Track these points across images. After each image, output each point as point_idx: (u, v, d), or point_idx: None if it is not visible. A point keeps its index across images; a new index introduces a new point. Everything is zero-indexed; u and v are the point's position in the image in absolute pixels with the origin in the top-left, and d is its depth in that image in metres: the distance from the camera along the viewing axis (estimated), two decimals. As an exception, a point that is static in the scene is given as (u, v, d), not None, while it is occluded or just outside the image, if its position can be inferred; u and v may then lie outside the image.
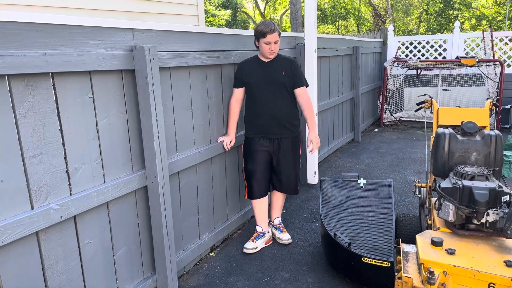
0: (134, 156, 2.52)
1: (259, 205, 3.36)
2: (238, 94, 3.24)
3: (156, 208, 2.59)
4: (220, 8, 24.59)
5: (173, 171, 2.78)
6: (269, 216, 3.54)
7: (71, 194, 2.14)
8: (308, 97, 3.26)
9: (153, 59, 2.41)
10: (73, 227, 2.16)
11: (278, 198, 3.46)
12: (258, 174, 3.26)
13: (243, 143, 3.36)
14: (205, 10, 22.02)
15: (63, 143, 2.08)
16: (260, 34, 3.07)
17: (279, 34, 3.12)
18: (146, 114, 2.46)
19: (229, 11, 24.53)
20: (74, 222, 2.17)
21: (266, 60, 3.19)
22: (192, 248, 3.05)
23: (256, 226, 3.41)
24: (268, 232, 3.43)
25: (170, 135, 2.79)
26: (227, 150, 3.28)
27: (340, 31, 25.42)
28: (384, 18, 22.09)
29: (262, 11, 26.71)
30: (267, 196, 3.38)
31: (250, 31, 3.99)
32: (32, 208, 1.95)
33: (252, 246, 3.29)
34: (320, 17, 24.14)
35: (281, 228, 3.47)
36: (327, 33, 22.42)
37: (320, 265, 3.07)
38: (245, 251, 3.27)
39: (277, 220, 3.51)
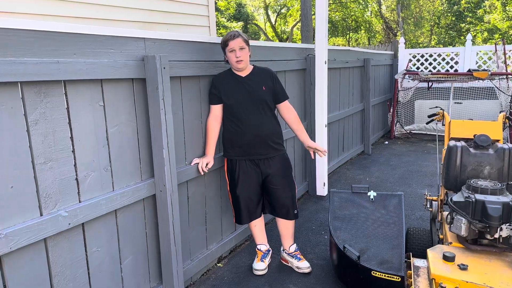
0: (143, 165, 2.52)
1: (254, 225, 3.19)
2: (216, 111, 2.96)
3: (164, 217, 2.59)
4: (232, 20, 24.85)
5: (181, 180, 2.77)
6: (282, 245, 3.27)
7: (79, 202, 2.14)
8: (294, 110, 3.10)
9: (164, 68, 2.43)
10: (81, 234, 2.16)
11: (286, 225, 3.18)
12: (246, 200, 3.04)
13: (225, 165, 3.12)
14: (216, 21, 22.29)
15: (73, 151, 2.09)
16: (223, 44, 2.86)
17: (246, 41, 2.87)
18: (156, 122, 2.47)
19: (240, 23, 24.78)
20: (82, 230, 2.17)
21: (243, 75, 2.95)
22: (200, 258, 3.03)
23: (258, 246, 3.23)
24: (270, 248, 3.29)
25: (180, 144, 2.80)
26: (202, 173, 2.94)
27: (350, 43, 25.47)
28: (395, 31, 22.09)
29: (273, 23, 26.92)
30: (262, 216, 3.22)
31: (261, 42, 4.01)
32: (41, 215, 1.96)
33: (263, 267, 3.13)
34: (331, 30, 24.24)
35: (299, 256, 3.19)
36: (337, 45, 22.47)
37: (328, 278, 3.02)
38: (257, 273, 3.11)
39: (292, 248, 3.22)
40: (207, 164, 2.95)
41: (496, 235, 2.46)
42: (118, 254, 2.40)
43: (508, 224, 2.44)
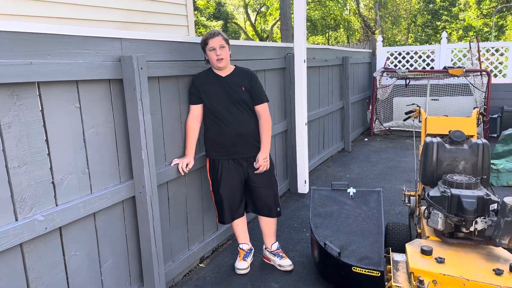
0: (122, 166, 2.49)
1: (236, 224, 3.19)
2: (196, 111, 2.94)
3: (144, 219, 2.56)
4: (212, 19, 24.76)
5: (162, 181, 2.75)
6: (264, 243, 3.29)
7: (56, 205, 2.10)
8: (268, 115, 3.02)
9: (141, 68, 2.40)
10: (59, 238, 2.12)
11: (268, 223, 3.19)
12: (229, 200, 3.04)
13: (207, 165, 3.10)
14: (196, 21, 22.15)
15: (48, 153, 2.05)
16: (203, 44, 2.85)
17: (226, 39, 2.87)
18: (134, 123, 2.44)
19: (220, 22, 24.70)
20: (59, 234, 2.13)
21: (223, 74, 2.93)
22: (181, 259, 3.01)
23: (241, 245, 3.22)
24: (252, 247, 3.29)
25: (159, 145, 2.78)
26: (182, 174, 2.93)
27: (330, 41, 25.69)
28: (374, 29, 22.39)
29: (253, 22, 26.92)
30: (244, 215, 3.22)
31: (240, 41, 4.02)
32: (16, 220, 1.92)
33: (245, 266, 3.14)
34: (311, 28, 24.39)
35: (281, 254, 3.20)
36: (317, 44, 22.63)
37: (310, 275, 3.05)
38: (239, 272, 3.11)
39: (274, 246, 3.24)
40: (187, 165, 2.93)
41: (472, 228, 2.52)
42: (98, 257, 2.37)
43: (483, 217, 2.50)
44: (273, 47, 4.60)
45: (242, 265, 3.13)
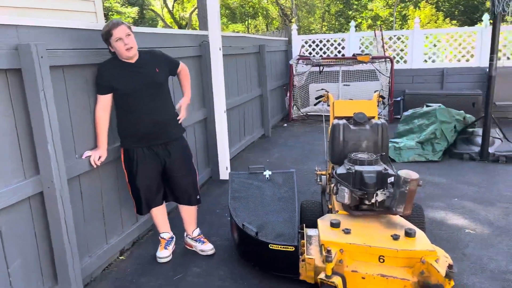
0: (25, 161, 2.35)
1: (156, 213, 3.16)
2: (105, 101, 2.81)
3: (54, 215, 2.45)
4: (126, 5, 23.64)
5: (72, 175, 2.64)
6: (185, 230, 3.30)
7: (-50, 206, 1.94)
8: (187, 69, 3.25)
9: (42, 57, 2.27)
10: (-45, 242, 1.97)
11: (188, 211, 3.21)
12: (146, 190, 2.99)
13: (122, 156, 2.99)
14: (109, 7, 21.01)
15: None
16: (107, 35, 2.72)
17: (129, 27, 2.78)
18: (37, 115, 2.31)
19: (135, 9, 23.69)
20: (-44, 237, 1.97)
21: (133, 61, 2.83)
22: (99, 254, 2.93)
23: (161, 234, 3.20)
24: (173, 236, 3.30)
25: (67, 137, 2.65)
26: (95, 166, 2.83)
27: (250, 29, 25.93)
28: (290, 18, 23.03)
29: (171, 9, 26.22)
30: (164, 204, 3.20)
31: (153, 29, 3.93)
32: None
33: (167, 254, 3.14)
34: (230, 16, 24.40)
35: (202, 239, 3.25)
36: (237, 32, 22.73)
37: (232, 257, 3.14)
38: (161, 261, 3.10)
39: (195, 232, 3.26)
40: (100, 157, 2.84)
41: (373, 200, 2.78)
42: (4, 258, 2.23)
43: (382, 190, 2.77)
44: (188, 34, 4.57)
45: (164, 253, 3.14)
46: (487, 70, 5.24)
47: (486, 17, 8.02)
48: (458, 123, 5.61)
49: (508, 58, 7.98)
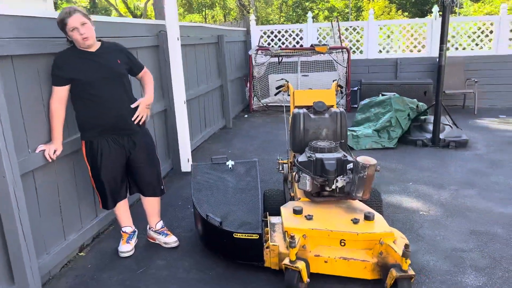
0: (-26, 157, 2.22)
1: (118, 207, 3.08)
2: (61, 93, 2.69)
3: (8, 212, 2.34)
4: (77, -7, 22.67)
5: (26, 170, 2.52)
6: (148, 223, 3.25)
7: None
8: (151, 74, 3.14)
9: (-12, 45, 2.14)
10: None
11: (152, 203, 3.17)
12: (112, 183, 2.92)
13: (83, 149, 2.89)
14: (59, -5, 20.04)
15: None
16: (62, 24, 2.62)
17: (85, 15, 2.66)
18: (-15, 108, 2.18)
19: (87, -2, 22.76)
20: None
21: (93, 50, 2.75)
22: (57, 251, 2.83)
23: (123, 228, 3.13)
24: (135, 229, 3.24)
25: (19, 131, 2.52)
26: (50, 161, 2.70)
27: (207, 20, 25.63)
28: (248, 8, 22.96)
29: (125, -2, 25.40)
30: (126, 199, 3.13)
31: (108, 18, 3.80)
32: None
33: (129, 248, 3.07)
34: (186, 6, 23.99)
35: (166, 232, 3.22)
36: (194, 22, 22.40)
37: (195, 249, 3.13)
38: (123, 255, 3.03)
39: (159, 225, 3.23)
40: (55, 151, 2.72)
41: (334, 186, 2.87)
42: (-47, 261, 2.11)
43: (342, 176, 2.85)
44: (145, 24, 4.46)
45: (126, 247, 3.08)
46: (437, 60, 5.48)
47: (435, 8, 8.37)
48: (412, 111, 5.86)
49: (457, 49, 8.39)
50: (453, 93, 7.67)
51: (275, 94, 4.20)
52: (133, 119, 2.87)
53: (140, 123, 2.92)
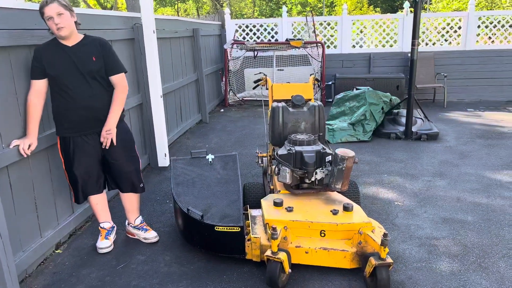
0: None
1: (95, 202, 3.03)
2: (39, 86, 2.65)
3: (-18, 210, 2.27)
4: (44, -16, 21.88)
5: (0, 166, 2.45)
6: (127, 219, 3.22)
7: None
8: (124, 85, 2.87)
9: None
10: None
11: (131, 199, 3.13)
12: (84, 178, 2.87)
13: (58, 143, 2.85)
14: (25, -14, 19.33)
15: None
16: (40, 14, 2.60)
17: (64, 5, 2.60)
18: (-43, 102, 2.10)
19: (55, -11, 22.00)
20: None
21: (70, 44, 2.69)
22: (33, 248, 2.76)
23: (102, 224, 3.08)
24: (114, 225, 3.20)
25: (-8, 125, 2.45)
26: (25, 156, 2.63)
27: (180, 13, 25.29)
28: (222, 2, 22.80)
29: (95, -10, 24.70)
30: (104, 193, 3.09)
31: (81, 9, 3.70)
32: None
33: (108, 244, 3.03)
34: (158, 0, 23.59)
35: (145, 227, 3.19)
36: (167, 15, 22.06)
37: (176, 243, 3.13)
38: (101, 251, 2.99)
39: (138, 220, 3.19)
40: (29, 146, 2.65)
41: (313, 179, 2.92)
42: None
43: (321, 168, 2.91)
44: (119, 16, 4.37)
45: (104, 243, 3.03)
46: (409, 55, 5.62)
47: (406, 4, 8.57)
48: (385, 104, 6.00)
49: (427, 44, 8.63)
50: (423, 87, 7.89)
51: (253, 88, 4.21)
52: (102, 147, 2.84)
53: (106, 147, 2.83)
